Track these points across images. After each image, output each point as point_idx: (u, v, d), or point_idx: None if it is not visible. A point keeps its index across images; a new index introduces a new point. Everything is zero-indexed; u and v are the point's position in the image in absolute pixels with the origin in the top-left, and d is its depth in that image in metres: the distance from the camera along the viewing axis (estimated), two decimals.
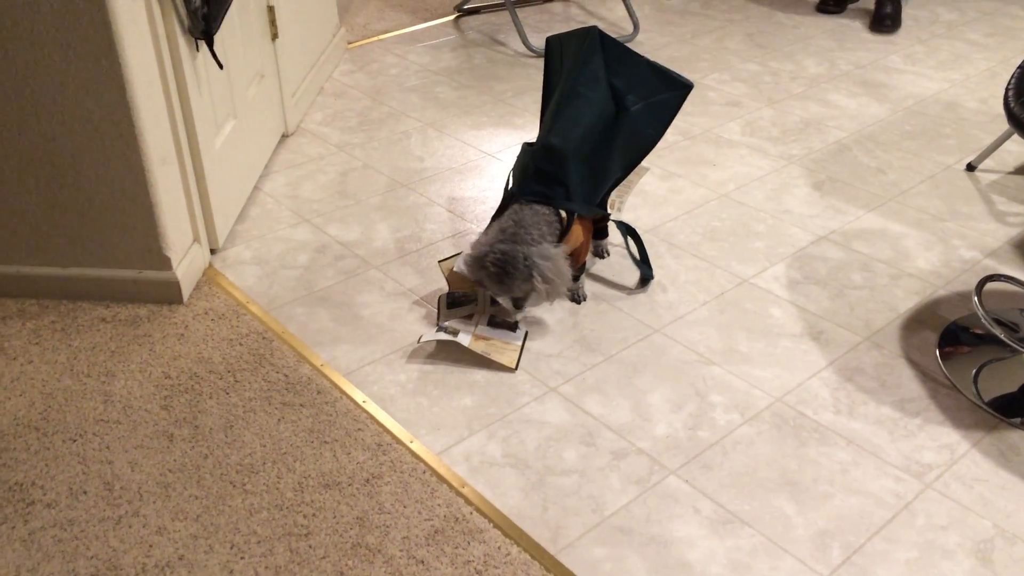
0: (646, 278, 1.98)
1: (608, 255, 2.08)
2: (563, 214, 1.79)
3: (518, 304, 1.79)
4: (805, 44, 3.28)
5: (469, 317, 1.85)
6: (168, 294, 1.90)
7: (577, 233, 1.83)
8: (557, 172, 1.78)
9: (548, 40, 1.93)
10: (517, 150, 2.55)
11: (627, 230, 2.02)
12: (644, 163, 1.98)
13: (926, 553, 1.39)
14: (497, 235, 1.74)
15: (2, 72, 1.67)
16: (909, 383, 1.72)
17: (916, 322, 1.88)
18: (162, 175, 1.81)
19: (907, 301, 1.95)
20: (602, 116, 1.81)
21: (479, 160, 2.51)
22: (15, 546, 1.39)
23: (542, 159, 1.78)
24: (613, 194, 1.95)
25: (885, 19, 3.34)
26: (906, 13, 3.55)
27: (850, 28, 3.43)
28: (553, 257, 1.71)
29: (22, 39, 1.63)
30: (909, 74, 3.04)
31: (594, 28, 1.83)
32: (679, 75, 1.86)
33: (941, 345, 1.81)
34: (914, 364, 1.77)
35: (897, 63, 3.13)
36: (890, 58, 3.16)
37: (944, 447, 1.58)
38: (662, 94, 1.86)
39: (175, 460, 1.54)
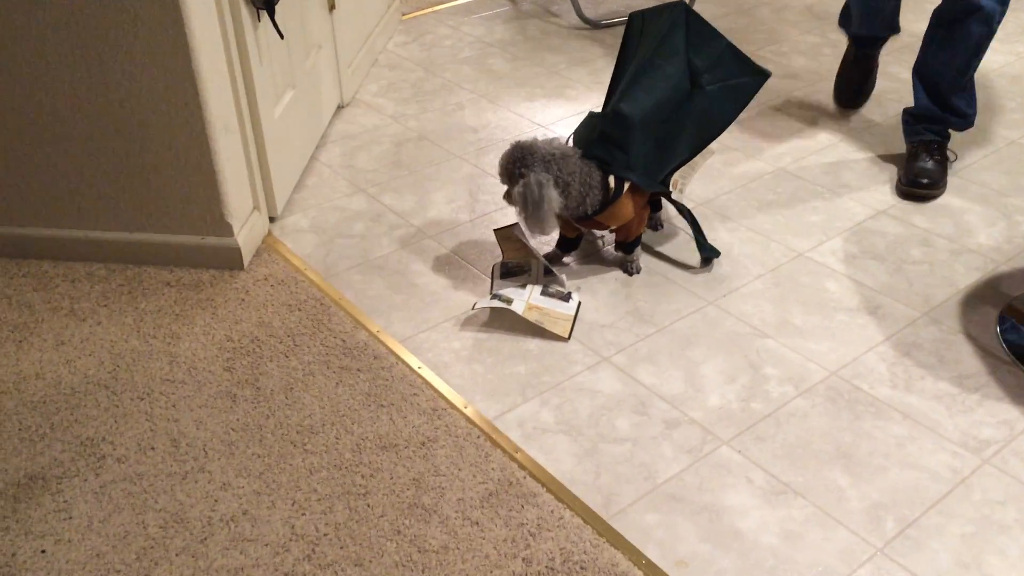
0: (708, 258, 1.97)
1: (662, 227, 2.08)
2: (611, 184, 1.79)
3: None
4: None
5: (523, 287, 1.87)
6: (229, 260, 1.95)
7: (626, 206, 1.83)
8: (621, 139, 1.78)
9: (631, 16, 1.92)
10: (570, 122, 2.55)
11: (682, 211, 2.01)
12: (712, 145, 1.96)
13: (982, 528, 1.38)
14: (545, 144, 1.77)
15: (73, 40, 1.72)
16: (968, 359, 1.70)
17: (976, 298, 1.85)
18: (225, 144, 1.85)
19: (967, 277, 1.91)
20: (676, 91, 1.80)
21: (533, 132, 2.51)
22: (87, 498, 1.45)
23: (609, 124, 1.79)
24: (677, 174, 1.94)
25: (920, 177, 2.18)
26: None
27: (913, 0, 3.35)
28: (544, 185, 1.71)
29: (92, 8, 1.67)
30: None
31: (681, 2, 1.82)
32: (757, 64, 1.85)
33: (1001, 321, 1.78)
34: (973, 340, 1.75)
35: None
36: None
37: (1003, 423, 1.56)
38: (739, 78, 1.83)
39: (238, 419, 1.58)
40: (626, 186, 1.81)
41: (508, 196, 1.79)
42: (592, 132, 1.81)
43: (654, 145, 1.81)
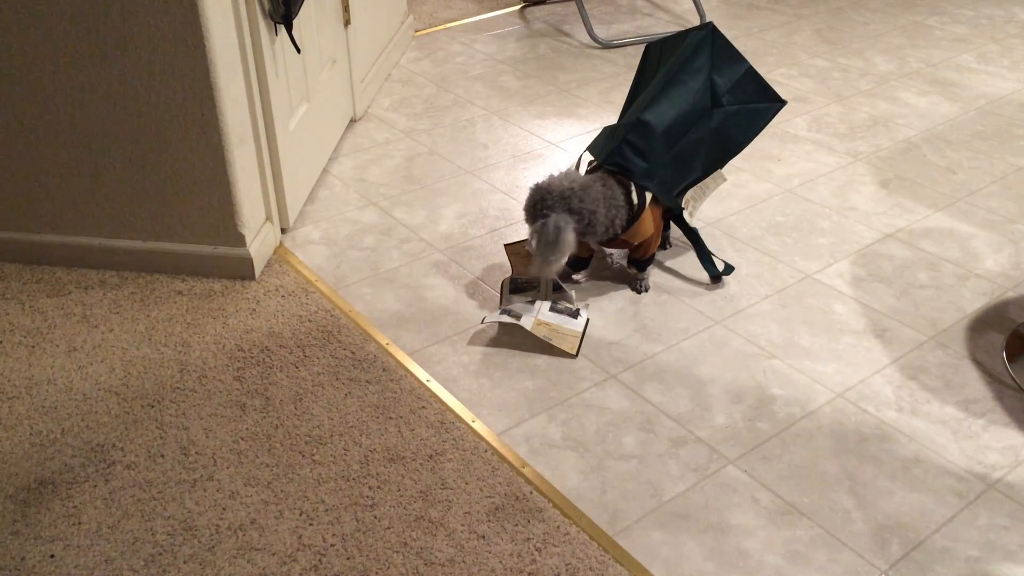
0: (717, 276, 1.97)
1: (671, 246, 2.09)
2: (634, 201, 1.81)
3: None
4: (875, 41, 3.24)
5: (532, 302, 1.88)
6: (241, 270, 1.96)
7: (648, 220, 1.85)
8: (644, 147, 1.81)
9: (648, 45, 1.97)
10: (581, 140, 2.57)
11: (688, 233, 2.03)
12: (724, 172, 2.00)
13: (987, 553, 1.38)
14: (562, 179, 1.77)
15: (93, 51, 1.74)
16: (974, 384, 1.71)
17: (983, 323, 1.86)
18: (239, 155, 1.87)
19: (974, 302, 1.92)
20: (697, 107, 1.85)
21: (543, 149, 2.53)
22: (97, 504, 1.45)
23: (633, 132, 1.81)
24: (689, 193, 1.96)
25: None
26: (980, 12, 3.48)
27: (922, 26, 3.38)
28: (562, 228, 1.70)
29: (113, 19, 1.70)
30: (982, 73, 2.98)
31: (710, 23, 1.88)
32: (775, 91, 1.90)
33: (1008, 347, 1.79)
34: (980, 365, 1.75)
35: (970, 62, 3.07)
36: (963, 57, 3.10)
37: (1009, 448, 1.57)
38: (757, 103, 1.89)
39: (247, 429, 1.59)
40: (648, 199, 1.83)
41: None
42: (613, 140, 1.84)
43: (672, 158, 1.84)
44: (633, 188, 1.81)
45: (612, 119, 2.67)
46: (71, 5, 1.69)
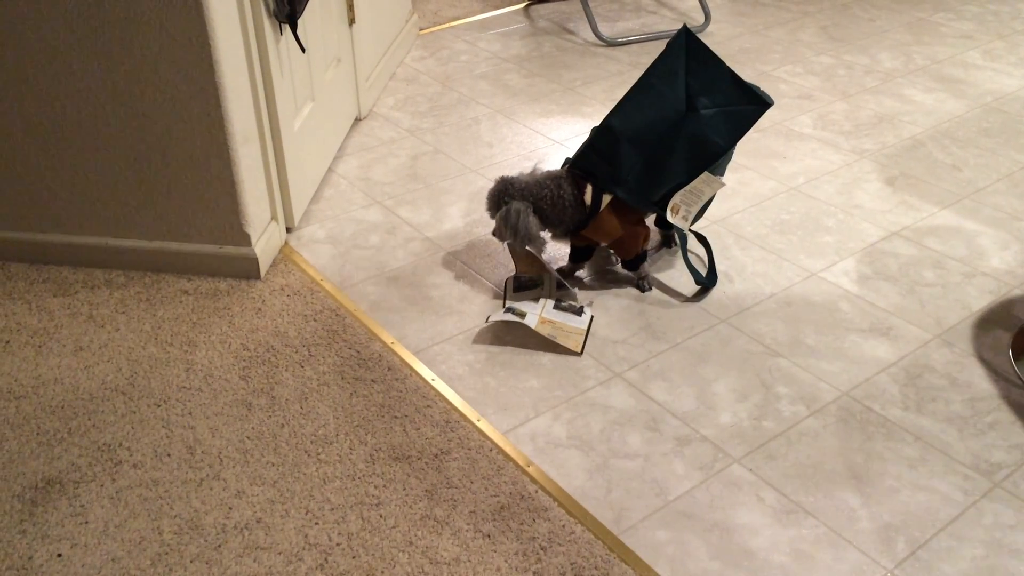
0: (704, 286, 1.94)
1: (676, 244, 2.09)
2: (587, 202, 1.82)
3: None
4: (881, 38, 3.23)
5: (536, 300, 1.88)
6: (247, 269, 1.97)
7: (609, 221, 1.85)
8: (609, 153, 1.82)
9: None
10: (585, 138, 2.57)
11: (697, 237, 2.02)
12: (723, 176, 1.97)
13: (993, 551, 1.38)
14: (526, 176, 1.87)
15: (99, 51, 1.74)
16: (980, 382, 1.70)
17: (989, 321, 1.86)
18: (244, 154, 1.87)
19: (980, 300, 1.92)
20: (669, 112, 1.82)
21: (547, 147, 2.53)
22: (103, 503, 1.46)
23: (597, 137, 1.84)
24: (677, 198, 1.92)
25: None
26: (987, 8, 3.47)
27: (928, 22, 3.37)
28: (522, 212, 1.82)
29: (119, 19, 1.70)
30: (988, 70, 2.97)
31: (683, 27, 1.85)
32: (761, 91, 1.85)
33: (1014, 345, 1.78)
34: (986, 363, 1.75)
35: (976, 59, 3.06)
36: (968, 54, 3.09)
37: (1015, 447, 1.56)
38: (738, 105, 1.84)
39: (253, 428, 1.60)
40: (605, 201, 1.83)
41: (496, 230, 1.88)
42: (584, 144, 1.86)
43: (644, 164, 1.83)
44: (589, 190, 1.82)
45: None
46: (76, 4, 1.69)
